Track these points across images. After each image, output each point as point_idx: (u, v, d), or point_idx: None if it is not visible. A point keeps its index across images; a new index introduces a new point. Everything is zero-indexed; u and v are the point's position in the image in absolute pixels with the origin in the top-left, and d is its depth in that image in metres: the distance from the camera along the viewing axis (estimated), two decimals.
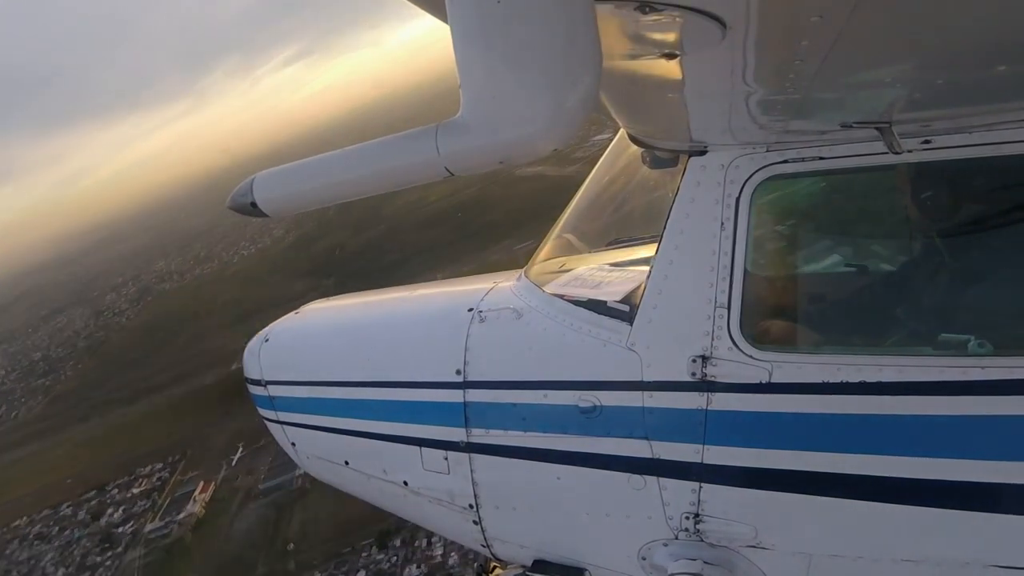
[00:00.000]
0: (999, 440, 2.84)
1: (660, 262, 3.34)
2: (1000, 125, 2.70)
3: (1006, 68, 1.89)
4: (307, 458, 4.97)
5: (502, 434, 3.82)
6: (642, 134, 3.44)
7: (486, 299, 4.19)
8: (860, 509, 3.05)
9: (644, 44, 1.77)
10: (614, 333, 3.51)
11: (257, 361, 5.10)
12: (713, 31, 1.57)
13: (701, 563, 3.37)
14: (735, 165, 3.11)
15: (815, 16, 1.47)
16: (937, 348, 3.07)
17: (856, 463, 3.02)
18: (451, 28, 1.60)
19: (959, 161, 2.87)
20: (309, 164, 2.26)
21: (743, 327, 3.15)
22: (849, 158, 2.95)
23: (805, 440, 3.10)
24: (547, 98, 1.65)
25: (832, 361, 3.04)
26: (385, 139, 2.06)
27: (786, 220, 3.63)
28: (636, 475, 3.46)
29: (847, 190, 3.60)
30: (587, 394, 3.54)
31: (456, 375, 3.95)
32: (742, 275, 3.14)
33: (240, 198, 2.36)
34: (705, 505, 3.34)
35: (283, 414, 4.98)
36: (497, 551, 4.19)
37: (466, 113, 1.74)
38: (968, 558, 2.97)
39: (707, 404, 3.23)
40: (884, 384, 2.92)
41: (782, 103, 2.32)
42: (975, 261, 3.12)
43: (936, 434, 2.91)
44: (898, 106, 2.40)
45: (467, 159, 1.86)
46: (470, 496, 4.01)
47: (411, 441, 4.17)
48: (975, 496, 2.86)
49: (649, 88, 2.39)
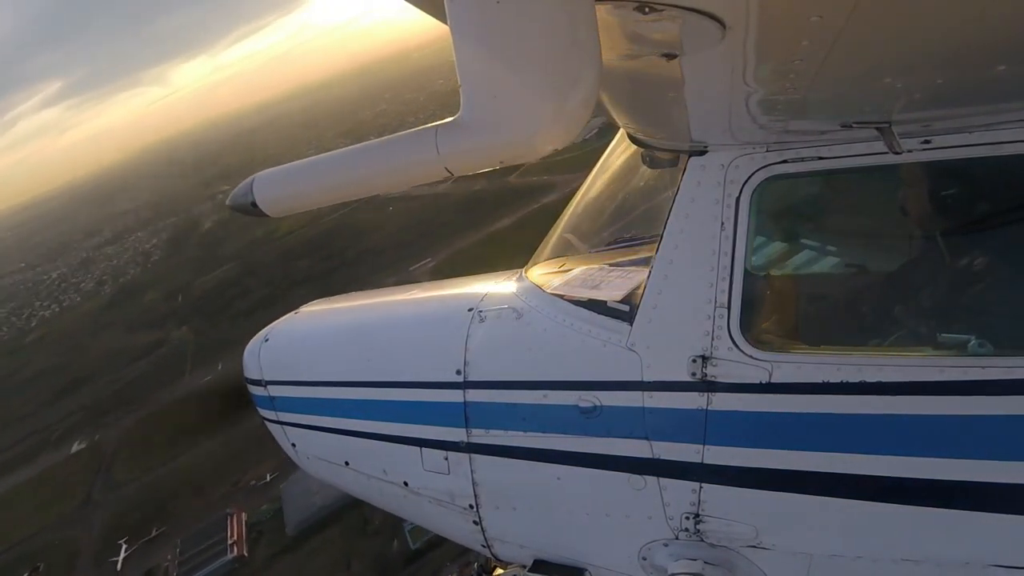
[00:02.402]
0: (999, 440, 2.84)
1: (660, 262, 3.33)
2: (1000, 125, 2.70)
3: (1006, 68, 1.89)
4: (307, 458, 4.97)
5: (502, 434, 3.82)
6: (642, 134, 3.45)
7: (486, 299, 4.19)
8: (860, 509, 3.04)
9: (644, 44, 1.77)
10: (614, 333, 3.51)
11: (257, 361, 5.10)
12: (713, 31, 1.57)
13: (701, 563, 3.37)
14: (735, 165, 3.11)
15: (815, 16, 1.47)
16: (937, 348, 3.07)
17: (856, 463, 3.02)
18: (451, 28, 1.60)
19: (959, 161, 2.87)
20: (309, 164, 2.26)
21: (743, 327, 3.15)
22: (849, 158, 2.95)
23: (805, 440, 3.10)
24: (547, 98, 1.65)
25: (832, 361, 3.04)
26: (385, 139, 2.07)
27: (786, 220, 3.63)
28: (636, 475, 3.46)
29: (847, 190, 3.60)
30: (587, 394, 3.54)
31: (456, 375, 3.95)
32: (742, 275, 3.14)
33: (240, 198, 2.37)
34: (705, 505, 3.34)
35: (283, 414, 4.98)
36: (497, 551, 4.19)
37: (466, 113, 1.74)
38: (968, 558, 2.97)
39: (707, 404, 3.23)
40: (884, 384, 2.92)
41: (782, 103, 2.32)
42: (975, 261, 3.11)
43: (936, 434, 2.90)
44: (898, 106, 2.40)
45: (467, 159, 1.86)
46: (470, 496, 4.01)
47: (411, 441, 4.17)
48: (975, 496, 2.86)
49: (649, 88, 2.39)
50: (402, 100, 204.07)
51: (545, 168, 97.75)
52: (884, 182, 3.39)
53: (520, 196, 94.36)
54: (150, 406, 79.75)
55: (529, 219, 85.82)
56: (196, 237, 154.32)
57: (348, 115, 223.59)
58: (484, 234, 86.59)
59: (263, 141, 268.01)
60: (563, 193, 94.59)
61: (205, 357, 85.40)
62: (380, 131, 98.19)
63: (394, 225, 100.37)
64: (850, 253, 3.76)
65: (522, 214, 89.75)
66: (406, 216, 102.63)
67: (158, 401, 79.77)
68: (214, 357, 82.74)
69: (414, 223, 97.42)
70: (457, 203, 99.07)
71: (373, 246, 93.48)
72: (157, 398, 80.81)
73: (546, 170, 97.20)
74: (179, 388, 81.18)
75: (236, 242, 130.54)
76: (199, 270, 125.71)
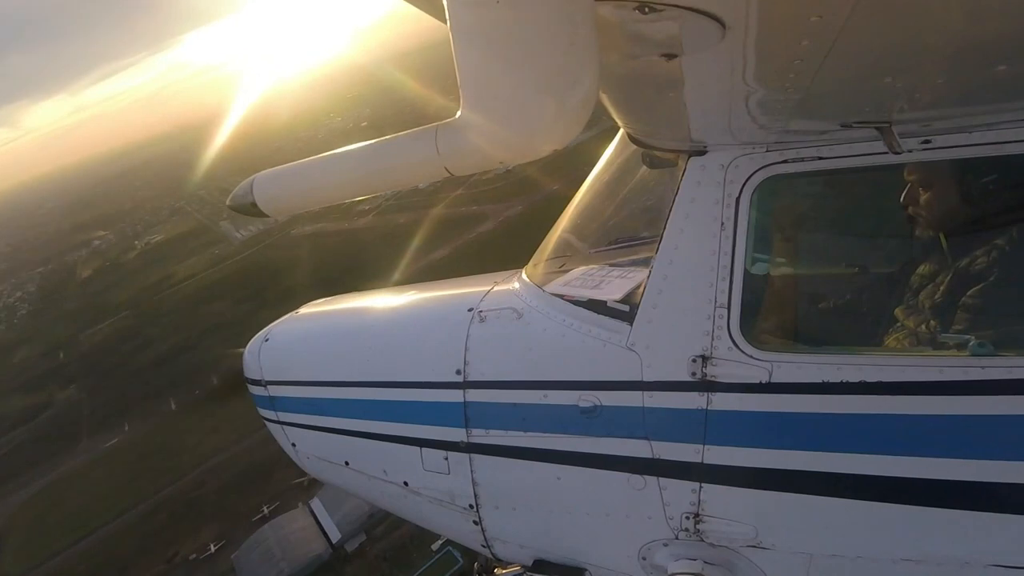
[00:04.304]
0: (999, 440, 2.84)
1: (660, 262, 3.33)
2: (1000, 125, 2.70)
3: (1006, 68, 1.89)
4: (307, 459, 4.97)
5: (502, 434, 3.82)
6: (642, 134, 3.44)
7: (486, 299, 4.19)
8: (860, 509, 3.04)
9: (644, 44, 1.76)
10: (614, 333, 3.51)
11: (257, 361, 5.10)
12: (712, 31, 1.57)
13: (701, 563, 3.37)
14: (735, 165, 3.11)
15: (815, 16, 1.47)
16: (937, 348, 3.07)
17: (856, 463, 3.02)
18: (450, 28, 1.59)
19: (959, 161, 2.87)
20: (309, 164, 2.26)
21: (743, 327, 3.15)
22: (849, 158, 2.95)
23: (805, 440, 3.10)
24: (547, 98, 1.65)
25: (832, 361, 3.04)
26: (385, 139, 2.07)
27: (786, 220, 3.63)
28: (636, 475, 3.46)
29: (847, 190, 3.60)
30: (587, 394, 3.54)
31: (456, 375, 3.95)
32: (742, 275, 3.14)
33: (241, 198, 2.37)
34: (705, 505, 3.34)
35: (283, 414, 4.98)
36: (497, 551, 4.18)
37: (466, 113, 1.74)
38: (968, 557, 2.97)
39: (707, 404, 3.23)
40: (884, 384, 2.92)
41: (782, 103, 2.32)
42: (975, 261, 3.12)
43: (936, 434, 2.90)
44: (898, 106, 2.40)
45: (466, 159, 1.86)
46: (470, 496, 4.01)
47: (411, 441, 4.17)
48: (976, 496, 2.86)
49: (649, 88, 2.38)
50: (297, 137, 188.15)
51: (472, 199, 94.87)
52: (884, 182, 3.39)
53: (453, 226, 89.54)
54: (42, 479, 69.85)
55: (464, 249, 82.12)
56: (72, 287, 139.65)
57: (239, 154, 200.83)
58: (420, 266, 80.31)
59: (132, 185, 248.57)
60: (497, 222, 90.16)
61: (106, 418, 76.99)
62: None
63: (314, 261, 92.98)
64: (850, 253, 3.76)
65: (458, 244, 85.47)
66: (325, 251, 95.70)
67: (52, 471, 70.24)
68: (118, 418, 75.24)
69: (336, 258, 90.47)
70: (383, 236, 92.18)
71: (295, 284, 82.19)
72: (50, 468, 70.87)
73: (474, 200, 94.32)
74: (76, 455, 72.89)
75: (125, 290, 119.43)
76: (82, 323, 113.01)
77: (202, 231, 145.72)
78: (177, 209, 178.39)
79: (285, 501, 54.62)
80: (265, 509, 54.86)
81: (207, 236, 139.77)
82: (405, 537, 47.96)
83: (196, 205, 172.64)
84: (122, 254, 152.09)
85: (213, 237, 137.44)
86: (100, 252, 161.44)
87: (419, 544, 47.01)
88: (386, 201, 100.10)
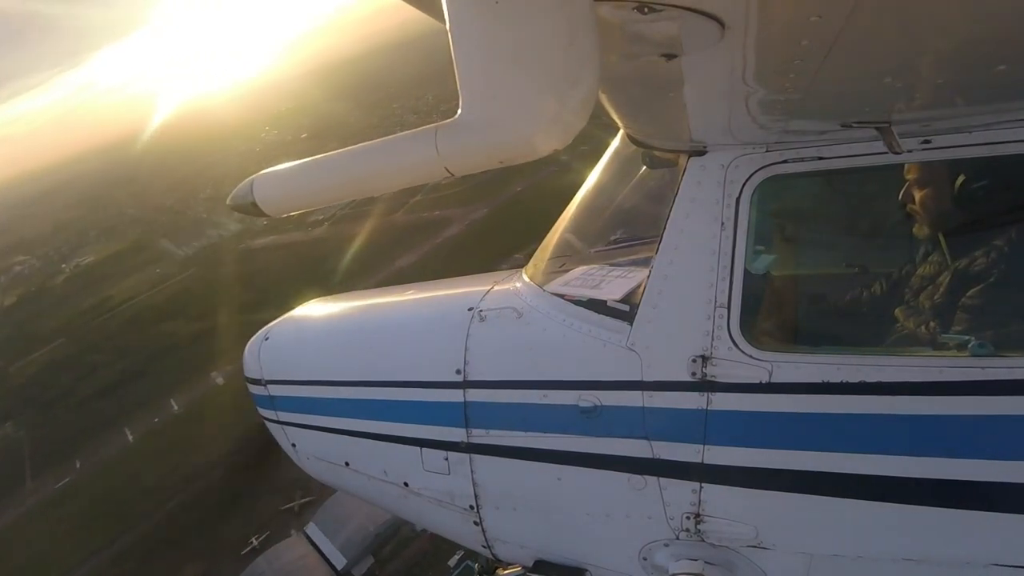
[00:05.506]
0: (999, 440, 2.84)
1: (660, 262, 3.33)
2: (1000, 125, 2.70)
3: (1006, 68, 1.89)
4: (307, 459, 4.97)
5: (502, 434, 3.82)
6: (642, 134, 3.44)
7: (486, 299, 4.19)
8: (860, 509, 3.05)
9: (644, 44, 1.77)
10: (614, 333, 3.51)
11: (257, 360, 5.10)
12: (712, 31, 1.57)
13: (702, 563, 3.37)
14: (735, 165, 3.11)
15: (815, 16, 1.47)
16: (937, 348, 3.07)
17: (857, 463, 3.02)
18: (450, 28, 1.59)
19: (959, 161, 2.87)
20: (309, 164, 2.26)
21: (743, 327, 3.15)
22: (849, 158, 2.95)
23: (805, 440, 3.10)
24: (547, 98, 1.65)
25: (832, 361, 3.04)
26: (385, 139, 2.06)
27: (786, 220, 3.63)
28: (636, 475, 3.46)
29: (847, 190, 3.60)
30: (587, 394, 3.54)
31: (456, 375, 3.95)
32: (742, 275, 3.14)
33: (240, 198, 2.36)
34: (706, 505, 3.34)
35: (283, 414, 4.98)
36: (498, 552, 4.18)
37: (465, 113, 1.74)
38: (969, 557, 2.97)
39: (707, 404, 3.23)
40: (884, 384, 2.92)
41: (782, 103, 2.32)
42: (975, 261, 3.12)
43: (936, 434, 2.90)
44: (898, 106, 2.40)
45: (466, 159, 1.86)
46: (470, 497, 4.01)
47: (411, 441, 4.17)
48: (975, 495, 2.87)
49: (649, 88, 2.38)
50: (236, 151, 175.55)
51: (434, 204, 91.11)
52: (884, 182, 3.39)
53: (418, 232, 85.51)
54: None
55: (433, 254, 78.10)
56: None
57: (170, 170, 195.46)
58: (386, 274, 74.72)
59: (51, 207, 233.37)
60: (463, 225, 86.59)
61: (52, 456, 68.56)
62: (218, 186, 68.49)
63: (270, 275, 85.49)
64: (850, 253, 3.76)
65: (425, 249, 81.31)
66: (282, 265, 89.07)
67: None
68: (68, 454, 67.95)
69: (294, 271, 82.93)
70: (342, 246, 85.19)
71: (252, 301, 72.88)
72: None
73: (436, 205, 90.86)
74: (21, 501, 64.39)
75: (56, 316, 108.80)
76: (11, 354, 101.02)
77: (139, 250, 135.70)
78: (108, 228, 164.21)
79: (275, 530, 49.67)
80: (254, 540, 49.54)
81: (145, 254, 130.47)
82: (418, 555, 44.38)
83: (128, 224, 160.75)
84: (49, 279, 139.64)
85: (152, 255, 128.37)
86: (23, 277, 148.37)
87: (434, 561, 43.38)
88: (340, 210, 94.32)
